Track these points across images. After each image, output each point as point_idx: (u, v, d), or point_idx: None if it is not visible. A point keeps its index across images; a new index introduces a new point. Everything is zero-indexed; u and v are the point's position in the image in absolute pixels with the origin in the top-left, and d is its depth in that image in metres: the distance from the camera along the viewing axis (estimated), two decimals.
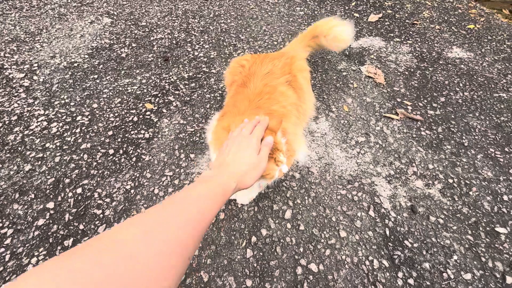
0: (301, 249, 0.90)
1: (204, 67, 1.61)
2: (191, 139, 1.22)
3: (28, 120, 1.29)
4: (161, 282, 0.28)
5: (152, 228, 0.32)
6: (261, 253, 0.89)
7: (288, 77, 0.99)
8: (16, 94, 1.40)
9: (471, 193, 1.05)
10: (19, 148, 1.17)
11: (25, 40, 1.77)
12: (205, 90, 1.46)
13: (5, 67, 1.56)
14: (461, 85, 1.52)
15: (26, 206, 0.99)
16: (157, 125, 1.28)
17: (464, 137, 1.25)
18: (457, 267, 0.87)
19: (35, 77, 1.51)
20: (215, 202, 0.43)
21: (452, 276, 0.85)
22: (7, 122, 1.27)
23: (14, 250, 0.89)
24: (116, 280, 0.25)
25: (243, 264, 0.87)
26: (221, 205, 0.45)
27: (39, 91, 1.43)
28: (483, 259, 0.89)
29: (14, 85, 1.45)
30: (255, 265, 0.87)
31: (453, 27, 1.98)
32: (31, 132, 1.24)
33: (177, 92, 1.45)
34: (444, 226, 0.96)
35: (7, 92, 1.41)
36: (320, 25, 1.25)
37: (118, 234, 0.30)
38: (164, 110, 1.35)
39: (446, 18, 2.09)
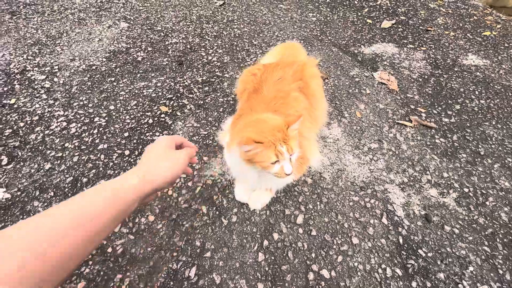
0: (313, 255, 0.90)
1: (217, 72, 1.63)
2: (205, 142, 1.24)
3: (49, 120, 1.33)
4: None
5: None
6: (272, 257, 0.90)
7: (300, 83, 1.00)
8: (37, 95, 1.46)
9: (487, 203, 1.03)
10: (40, 147, 1.22)
11: (46, 43, 1.84)
12: (218, 94, 1.48)
13: (27, 69, 1.63)
14: (477, 92, 1.49)
15: (46, 204, 1.03)
16: (172, 127, 1.31)
17: (480, 146, 1.23)
18: (473, 278, 0.85)
19: (55, 79, 1.56)
20: (96, 204, 0.35)
21: None
22: (28, 122, 1.32)
23: None
24: None
25: (255, 268, 0.88)
26: (112, 208, 0.35)
27: (59, 92, 1.48)
28: (501, 272, 0.86)
29: (35, 86, 1.51)
30: (266, 269, 0.87)
31: (468, 34, 1.96)
32: (51, 132, 1.28)
33: (191, 95, 1.48)
34: (459, 236, 0.95)
35: (29, 93, 1.47)
36: None
37: None
38: (178, 113, 1.38)
39: (461, 24, 2.07)
